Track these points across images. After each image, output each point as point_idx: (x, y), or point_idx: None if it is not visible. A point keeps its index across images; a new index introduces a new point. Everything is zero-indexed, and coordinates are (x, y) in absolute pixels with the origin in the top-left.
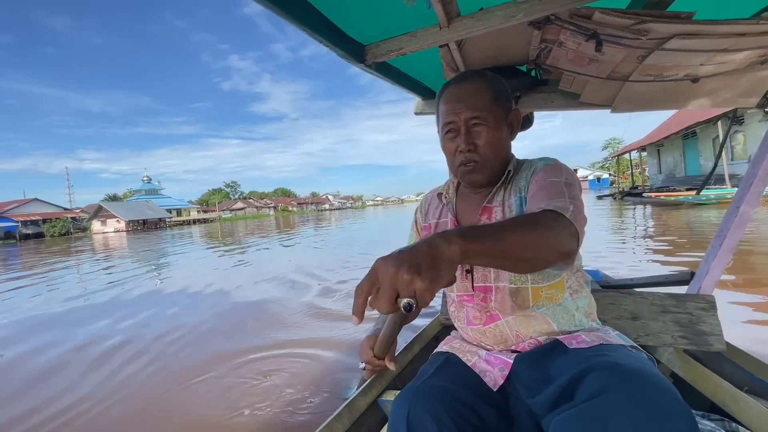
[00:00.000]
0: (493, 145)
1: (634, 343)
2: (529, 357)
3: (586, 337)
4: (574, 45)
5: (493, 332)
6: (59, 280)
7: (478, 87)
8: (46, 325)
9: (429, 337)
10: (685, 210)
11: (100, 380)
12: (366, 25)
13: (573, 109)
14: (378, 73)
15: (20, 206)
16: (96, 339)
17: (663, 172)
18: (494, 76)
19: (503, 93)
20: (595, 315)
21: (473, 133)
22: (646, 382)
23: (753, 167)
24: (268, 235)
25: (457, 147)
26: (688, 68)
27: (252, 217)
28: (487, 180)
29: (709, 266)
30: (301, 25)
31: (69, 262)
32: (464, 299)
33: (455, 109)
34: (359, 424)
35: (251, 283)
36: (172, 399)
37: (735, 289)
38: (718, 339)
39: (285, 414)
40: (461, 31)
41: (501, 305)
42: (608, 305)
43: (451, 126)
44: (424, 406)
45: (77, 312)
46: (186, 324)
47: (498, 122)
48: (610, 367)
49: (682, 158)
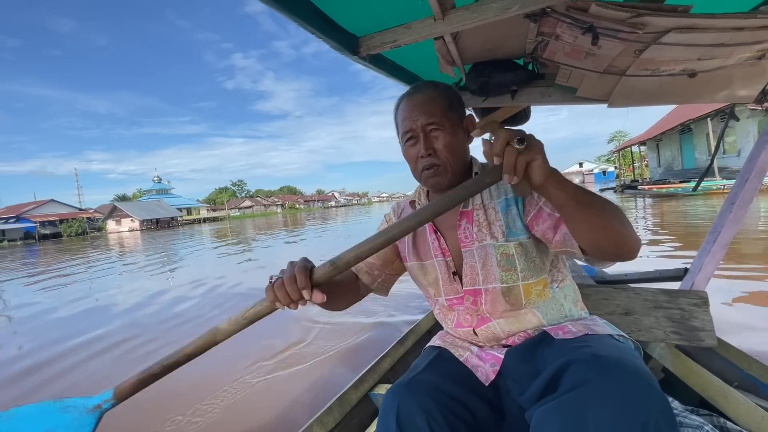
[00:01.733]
0: (451, 148)
1: (621, 331)
2: (519, 351)
3: (573, 327)
4: (570, 38)
5: (484, 333)
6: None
7: (432, 95)
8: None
9: (422, 332)
10: (675, 201)
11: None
12: (360, 16)
13: (570, 103)
14: (372, 65)
15: (37, 207)
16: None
17: (662, 166)
18: (446, 85)
19: (456, 101)
20: (582, 303)
21: (431, 139)
22: (625, 372)
23: (748, 164)
24: (295, 229)
25: (417, 153)
26: (685, 63)
27: (260, 215)
28: (449, 183)
29: (703, 262)
30: (293, 16)
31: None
32: (453, 303)
33: (412, 117)
34: (350, 418)
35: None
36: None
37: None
38: (710, 335)
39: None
40: (456, 24)
41: (492, 307)
42: (601, 300)
43: (411, 134)
44: (415, 400)
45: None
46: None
47: (453, 127)
48: (590, 359)
49: (679, 152)
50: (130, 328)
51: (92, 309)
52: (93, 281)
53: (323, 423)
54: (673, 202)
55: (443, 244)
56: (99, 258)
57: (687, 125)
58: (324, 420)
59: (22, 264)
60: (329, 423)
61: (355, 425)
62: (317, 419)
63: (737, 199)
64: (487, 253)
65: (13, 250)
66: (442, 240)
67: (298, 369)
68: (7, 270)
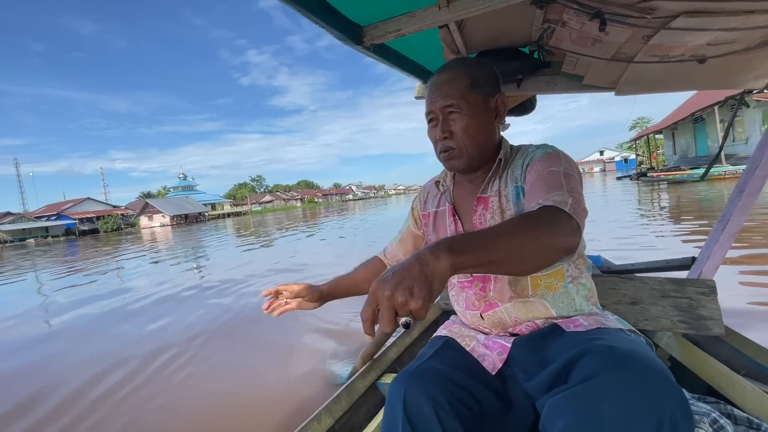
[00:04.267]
0: (469, 131)
1: (632, 327)
2: (527, 340)
3: (584, 320)
4: (577, 24)
5: (491, 318)
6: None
7: (455, 75)
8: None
9: (429, 322)
10: (682, 186)
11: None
12: (363, 5)
13: (576, 92)
14: (376, 55)
15: (75, 205)
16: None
17: (677, 154)
18: (477, 61)
19: (483, 78)
20: (596, 299)
21: (449, 121)
22: (640, 365)
23: (758, 151)
24: (328, 219)
25: (437, 135)
26: (694, 48)
27: (281, 209)
28: (466, 166)
29: (711, 251)
30: (297, 6)
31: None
32: (464, 285)
33: (432, 98)
34: (358, 406)
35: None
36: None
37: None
38: (717, 323)
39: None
40: (461, 11)
41: (500, 294)
42: (608, 290)
43: (431, 115)
44: (421, 388)
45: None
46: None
47: (473, 109)
48: (605, 350)
49: (693, 140)
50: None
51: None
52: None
53: (331, 411)
54: (678, 187)
55: (460, 227)
56: (171, 247)
57: (699, 115)
58: (332, 408)
59: (110, 252)
60: (337, 411)
61: (362, 414)
62: (325, 407)
63: (747, 186)
64: None
65: (64, 244)
66: (458, 223)
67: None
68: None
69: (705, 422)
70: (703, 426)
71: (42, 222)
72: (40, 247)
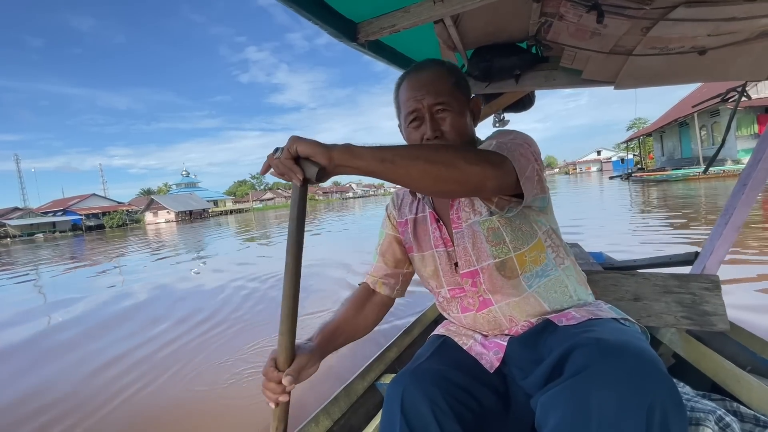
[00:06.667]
0: (459, 130)
1: (626, 315)
2: (522, 339)
3: (576, 313)
4: (575, 18)
5: (486, 318)
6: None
7: (439, 73)
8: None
9: (428, 321)
10: (662, 184)
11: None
12: (357, 1)
13: (575, 86)
14: (371, 52)
15: (81, 201)
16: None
17: (665, 155)
18: (452, 63)
19: (462, 80)
20: (587, 285)
21: (438, 120)
22: (628, 354)
23: (762, 143)
24: (340, 214)
25: (422, 135)
26: (694, 39)
27: (282, 207)
28: None
29: (714, 245)
30: (290, 3)
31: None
32: (456, 293)
33: (417, 96)
34: (357, 407)
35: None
36: None
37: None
38: (722, 319)
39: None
40: (456, 5)
41: (492, 284)
42: (610, 286)
43: (416, 114)
44: (419, 388)
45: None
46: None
47: (461, 108)
48: (594, 343)
49: (678, 143)
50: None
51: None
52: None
53: (329, 413)
54: (658, 186)
55: (445, 233)
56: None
57: (683, 120)
58: (330, 410)
59: (129, 246)
60: (335, 413)
61: (361, 415)
62: (323, 409)
63: (750, 180)
64: (475, 231)
65: (72, 240)
66: (443, 229)
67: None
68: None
69: (710, 420)
70: (708, 424)
71: (49, 217)
72: (49, 242)
